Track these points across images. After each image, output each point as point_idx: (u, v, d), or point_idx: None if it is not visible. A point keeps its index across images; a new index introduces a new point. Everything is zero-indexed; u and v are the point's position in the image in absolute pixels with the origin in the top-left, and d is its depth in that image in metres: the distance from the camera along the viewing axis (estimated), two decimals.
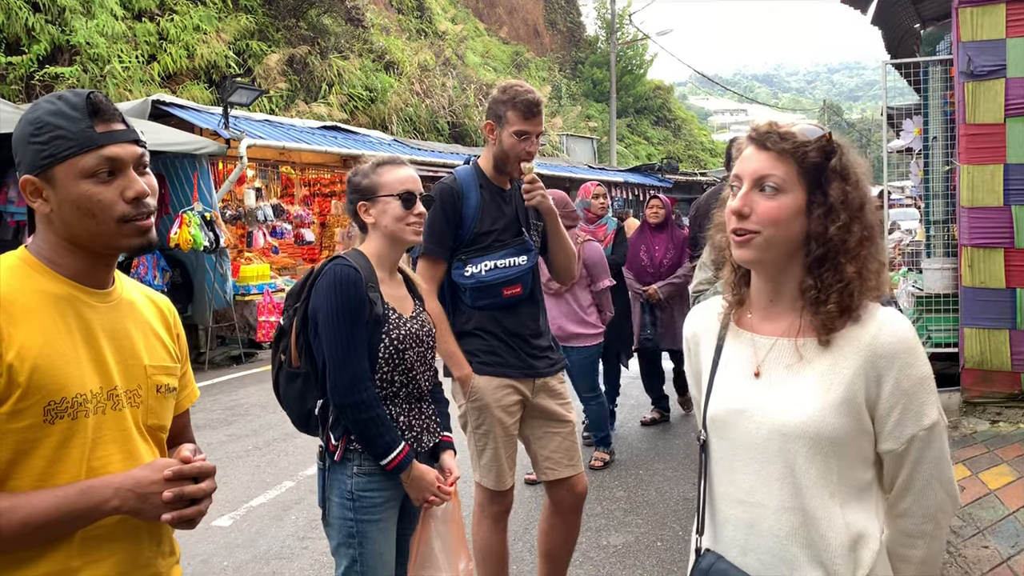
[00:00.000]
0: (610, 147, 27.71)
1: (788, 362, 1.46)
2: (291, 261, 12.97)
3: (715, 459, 1.55)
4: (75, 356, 1.39)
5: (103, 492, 1.35)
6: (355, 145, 12.87)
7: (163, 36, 14.58)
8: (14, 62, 12.02)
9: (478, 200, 3.03)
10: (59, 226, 1.42)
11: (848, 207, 1.42)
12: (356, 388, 2.22)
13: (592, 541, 4.35)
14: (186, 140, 9.40)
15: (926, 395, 1.41)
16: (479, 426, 3.05)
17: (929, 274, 6.56)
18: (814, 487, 1.41)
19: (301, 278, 2.46)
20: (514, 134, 3.00)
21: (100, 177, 1.40)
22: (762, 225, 1.43)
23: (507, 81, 3.15)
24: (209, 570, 4.11)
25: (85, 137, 1.39)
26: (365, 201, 2.38)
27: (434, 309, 2.94)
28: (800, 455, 1.42)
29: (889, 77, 7.32)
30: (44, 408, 1.33)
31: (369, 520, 2.28)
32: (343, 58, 18.32)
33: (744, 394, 1.50)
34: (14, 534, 1.28)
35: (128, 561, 1.44)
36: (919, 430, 1.40)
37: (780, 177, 1.43)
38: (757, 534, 1.46)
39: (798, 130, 1.45)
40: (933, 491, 1.43)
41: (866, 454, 1.44)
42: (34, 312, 1.36)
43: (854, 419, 1.40)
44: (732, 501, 1.51)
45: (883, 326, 1.42)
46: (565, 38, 37.49)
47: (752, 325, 1.54)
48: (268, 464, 5.86)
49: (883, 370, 1.40)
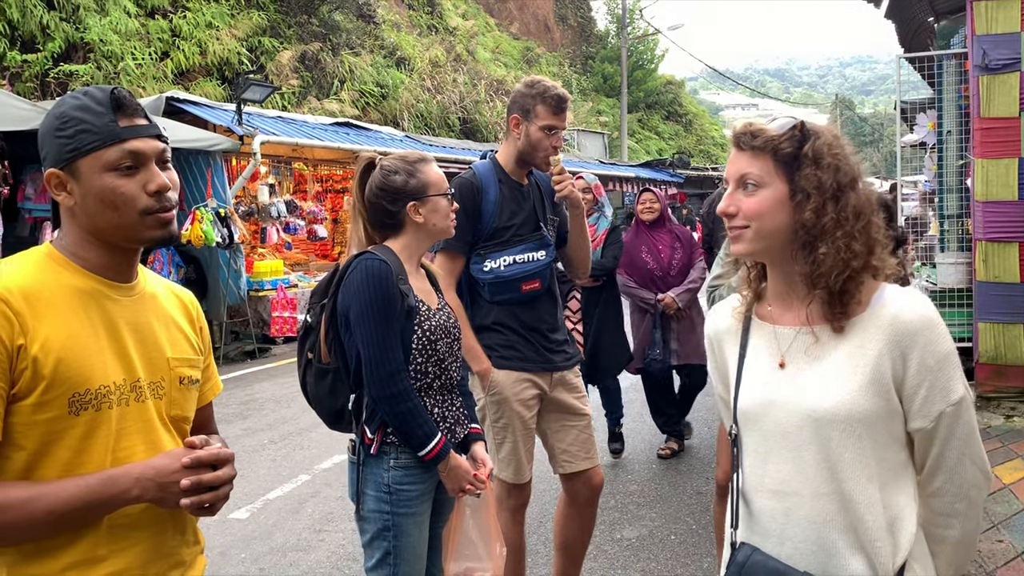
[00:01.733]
0: (621, 142, 27.69)
1: (811, 349, 1.48)
2: (304, 257, 13.03)
3: (747, 452, 1.56)
4: (98, 349, 1.41)
5: (124, 481, 1.38)
6: (367, 141, 12.91)
7: (176, 33, 14.66)
8: (29, 60, 12.11)
9: (497, 195, 3.05)
10: (83, 219, 1.44)
11: (821, 190, 1.45)
12: (393, 380, 2.24)
13: (606, 535, 4.37)
14: (200, 137, 9.44)
15: (952, 370, 1.42)
16: (498, 420, 3.08)
17: (943, 268, 6.55)
18: (850, 470, 1.43)
19: (326, 275, 2.48)
20: (542, 128, 3.02)
21: (123, 170, 1.42)
22: (748, 220, 1.48)
23: (532, 76, 3.17)
24: (227, 562, 4.16)
25: (109, 131, 1.42)
26: (416, 201, 2.38)
27: (453, 303, 2.96)
28: (833, 439, 1.43)
29: (903, 71, 7.31)
30: (69, 400, 1.36)
31: (405, 513, 2.31)
32: (355, 54, 18.37)
33: (772, 385, 1.51)
34: (39, 522, 1.31)
35: (153, 549, 1.47)
36: (947, 405, 1.41)
37: (757, 174, 1.48)
38: (794, 523, 1.47)
39: (771, 125, 1.50)
40: (964, 467, 1.44)
41: (898, 434, 1.45)
42: (58, 306, 1.39)
43: (883, 399, 1.42)
44: (767, 492, 1.51)
45: (904, 305, 1.44)
46: (576, 33, 37.43)
47: (772, 317, 1.56)
48: (284, 458, 5.91)
49: (907, 348, 1.41)
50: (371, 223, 2.44)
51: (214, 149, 9.51)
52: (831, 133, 1.50)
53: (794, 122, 1.49)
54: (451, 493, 2.39)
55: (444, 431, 2.36)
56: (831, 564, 1.43)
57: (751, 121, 1.52)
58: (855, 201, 1.46)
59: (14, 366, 1.32)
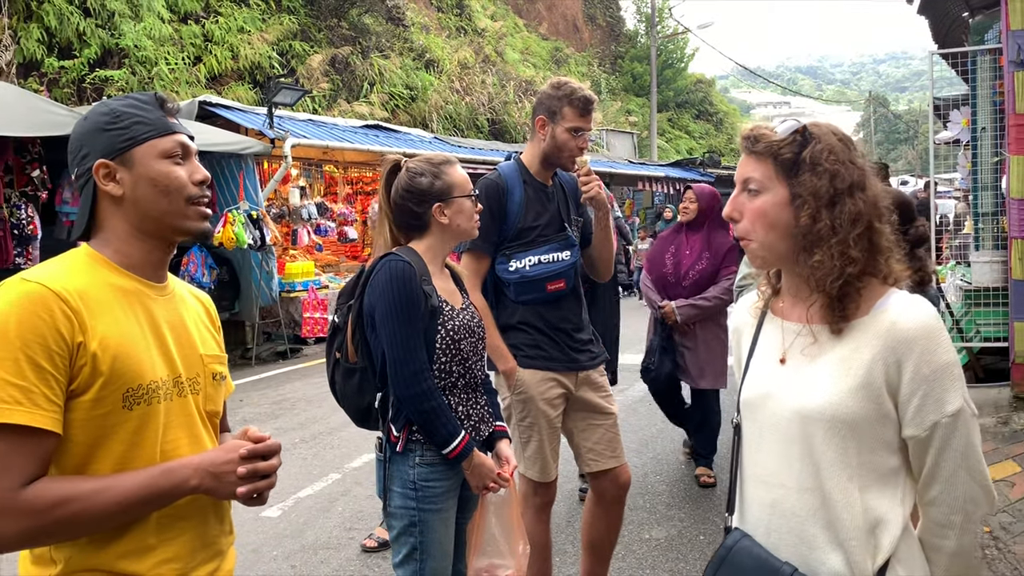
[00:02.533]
0: (651, 142, 27.57)
1: (809, 348, 1.51)
2: (335, 258, 13.15)
3: (746, 441, 1.61)
4: (146, 345, 1.47)
5: (183, 471, 1.44)
6: (396, 143, 12.99)
7: (208, 38, 14.86)
8: (66, 66, 12.35)
9: (522, 196, 3.07)
10: (130, 208, 1.50)
11: (816, 196, 1.46)
12: (417, 380, 2.28)
13: (634, 534, 4.37)
14: (232, 140, 9.57)
15: (949, 382, 1.41)
16: (523, 419, 3.10)
17: (978, 267, 6.46)
18: (831, 469, 1.45)
19: (353, 276, 2.52)
20: (568, 130, 3.05)
21: (175, 159, 1.53)
22: (751, 225, 1.52)
23: (558, 78, 3.19)
24: (259, 559, 4.22)
25: (162, 123, 1.53)
26: (441, 203, 2.41)
27: (479, 303, 2.99)
28: (817, 437, 1.46)
29: (936, 67, 7.21)
30: (123, 395, 1.41)
31: (431, 509, 2.34)
32: (384, 57, 18.49)
33: (771, 378, 1.55)
34: (108, 513, 1.37)
35: (198, 539, 1.52)
36: (942, 417, 1.41)
37: (759, 178, 1.51)
38: (780, 514, 1.51)
39: (775, 129, 1.52)
40: (960, 481, 1.43)
41: (888, 439, 1.46)
42: (108, 304, 1.44)
43: (873, 403, 1.43)
44: (758, 482, 1.56)
45: (904, 312, 1.44)
46: (605, 33, 37.34)
47: (783, 312, 1.60)
48: (315, 457, 5.97)
49: (903, 356, 1.41)
50: (397, 224, 2.48)
51: (246, 152, 9.63)
52: (835, 138, 1.50)
53: (797, 126, 1.51)
54: (475, 490, 2.41)
55: (468, 429, 2.39)
56: (811, 557, 1.47)
57: (757, 124, 1.56)
58: (853, 207, 1.46)
59: (74, 362, 1.36)
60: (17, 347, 1.31)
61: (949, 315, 6.30)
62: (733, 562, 1.52)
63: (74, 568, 1.39)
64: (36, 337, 1.32)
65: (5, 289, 1.37)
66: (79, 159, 1.51)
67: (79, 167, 1.51)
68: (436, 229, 2.44)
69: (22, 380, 1.31)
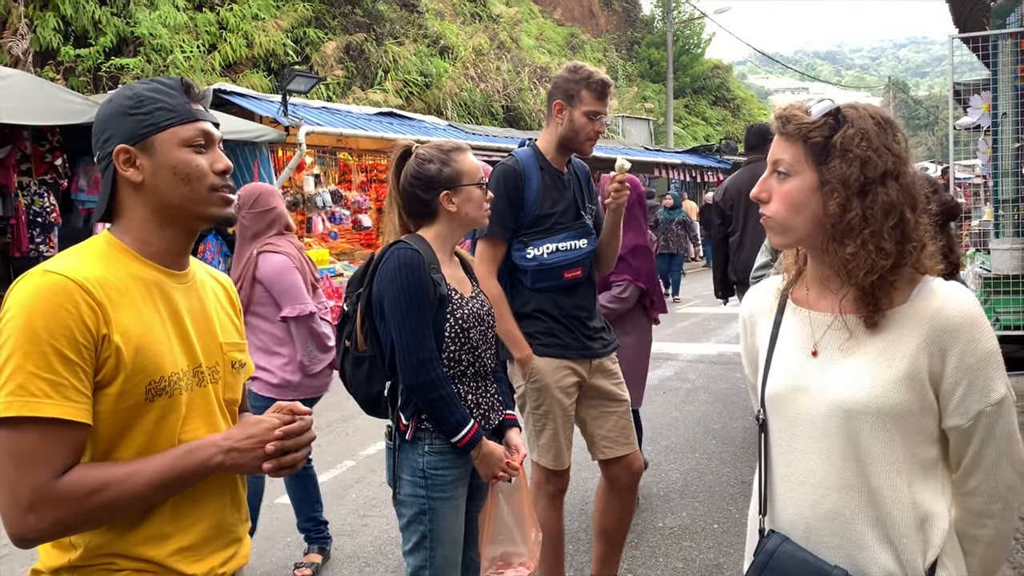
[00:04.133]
0: (667, 128, 27.41)
1: (845, 339, 1.46)
2: (349, 246, 13.16)
3: (775, 439, 1.55)
4: (167, 337, 1.47)
5: (207, 450, 1.45)
6: (411, 131, 12.96)
7: (223, 25, 14.86)
8: (82, 54, 12.39)
9: (539, 182, 3.06)
10: (150, 196, 1.49)
11: (845, 184, 1.40)
12: (426, 368, 2.27)
13: (648, 523, 4.36)
14: (247, 128, 9.58)
15: (993, 370, 1.38)
16: (538, 407, 3.10)
17: (997, 255, 6.38)
18: (879, 464, 1.40)
19: (362, 264, 2.51)
20: (585, 114, 3.04)
21: (196, 147, 1.51)
22: (777, 208, 1.47)
23: (574, 62, 3.18)
24: (273, 546, 4.24)
25: (185, 110, 1.51)
26: (449, 190, 2.40)
27: (494, 290, 2.99)
28: (863, 432, 1.41)
29: (957, 52, 7.11)
30: (146, 388, 1.41)
31: (440, 497, 2.34)
32: (398, 44, 18.44)
33: (803, 371, 1.49)
34: (140, 496, 1.38)
35: (213, 527, 1.53)
36: (986, 406, 1.38)
37: (788, 161, 1.46)
38: (821, 515, 1.45)
39: (807, 110, 1.45)
40: (1003, 469, 1.41)
41: (930, 431, 1.42)
42: (130, 295, 1.43)
43: (917, 394, 1.39)
44: (794, 482, 1.50)
45: (947, 300, 1.40)
46: (620, 18, 37.07)
47: (809, 301, 1.54)
48: (328, 444, 6.00)
49: (947, 344, 1.38)
50: (406, 211, 2.46)
51: (260, 140, 9.64)
52: (870, 121, 1.43)
53: (831, 107, 1.44)
54: (484, 479, 2.41)
55: (478, 417, 2.39)
56: (860, 558, 1.41)
57: (792, 104, 1.49)
58: (886, 197, 1.40)
59: (99, 354, 1.36)
60: (44, 340, 1.31)
61: None
62: (777, 568, 1.46)
63: (93, 553, 1.40)
64: (62, 329, 1.32)
65: (28, 281, 1.36)
66: (101, 142, 1.50)
67: (101, 150, 1.50)
68: (444, 217, 2.42)
69: (51, 373, 1.31)
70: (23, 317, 1.32)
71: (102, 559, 1.40)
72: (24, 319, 1.31)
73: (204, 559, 1.50)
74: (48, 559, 1.42)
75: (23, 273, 1.40)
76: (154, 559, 1.43)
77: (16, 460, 1.30)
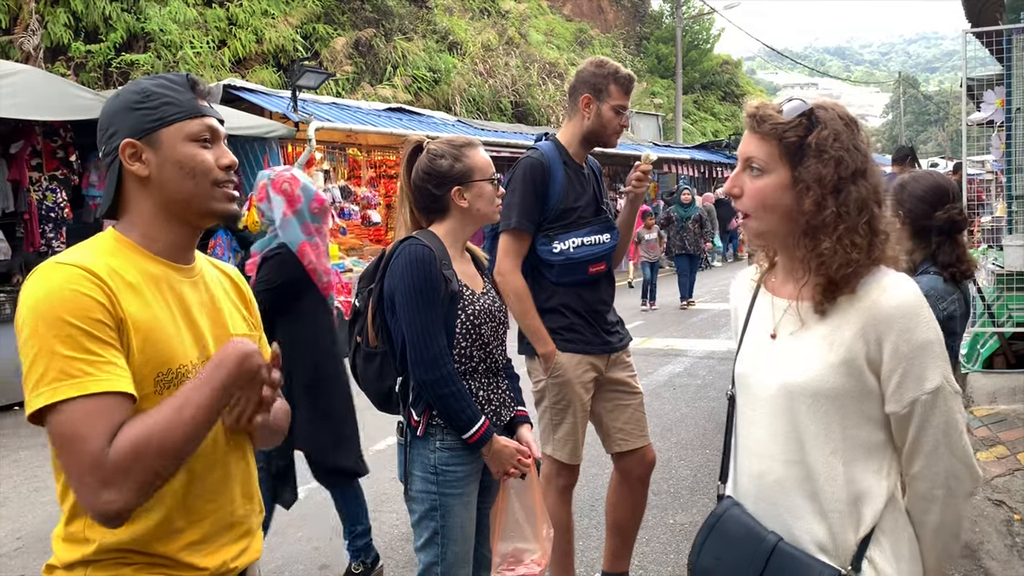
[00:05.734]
0: (676, 124, 27.33)
1: (797, 324, 1.55)
2: (358, 242, 13.16)
3: (739, 413, 1.66)
4: (176, 329, 1.47)
5: (223, 358, 1.40)
6: (419, 126, 12.96)
7: (233, 21, 14.89)
8: (93, 50, 12.44)
9: (563, 177, 3.08)
10: (156, 191, 1.49)
11: (821, 183, 1.47)
12: (436, 365, 2.26)
13: (659, 519, 4.35)
14: (256, 124, 9.59)
15: (928, 360, 1.44)
16: (558, 401, 3.11)
17: (1010, 251, 6.33)
18: (815, 442, 1.49)
19: (373, 260, 2.50)
20: (613, 108, 3.09)
21: (202, 142, 1.51)
22: (750, 204, 1.54)
23: (598, 57, 3.22)
24: (284, 540, 4.25)
25: (191, 105, 1.51)
26: (460, 186, 2.39)
27: (519, 285, 3.01)
28: (801, 412, 1.50)
29: (970, 47, 7.04)
30: (154, 379, 1.41)
31: (452, 493, 2.34)
32: (407, 40, 18.44)
33: (762, 352, 1.60)
34: (199, 424, 1.35)
35: (225, 520, 1.53)
36: (921, 394, 1.44)
37: (763, 159, 1.52)
38: (767, 484, 1.56)
39: (781, 109, 1.51)
40: (942, 456, 1.47)
41: (873, 415, 1.49)
42: (138, 288, 1.44)
43: (855, 379, 1.46)
44: (749, 453, 1.61)
45: (885, 291, 1.47)
46: (629, 14, 36.96)
47: (775, 288, 1.64)
48: None
49: (882, 333, 1.45)
50: (417, 207, 2.45)
51: (270, 136, 9.66)
52: (842, 122, 1.50)
53: (804, 108, 1.50)
54: (495, 476, 2.40)
55: (489, 414, 2.38)
56: (796, 527, 1.52)
57: (764, 103, 1.55)
58: (858, 194, 1.48)
59: (121, 335, 1.37)
60: (69, 323, 1.31)
61: (980, 299, 6.19)
62: (722, 529, 1.59)
63: (107, 548, 1.40)
64: (84, 311, 1.33)
65: (43, 273, 1.37)
66: (107, 137, 1.50)
67: (106, 145, 1.50)
68: (456, 212, 2.41)
69: (84, 353, 1.31)
70: (44, 306, 1.32)
71: (115, 554, 1.40)
72: (45, 308, 1.32)
73: (216, 552, 1.50)
74: (62, 554, 1.43)
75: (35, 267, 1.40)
76: (166, 554, 1.43)
77: (74, 442, 1.29)
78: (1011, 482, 4.46)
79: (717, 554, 1.58)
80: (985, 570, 3.69)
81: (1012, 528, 4.03)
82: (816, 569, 1.46)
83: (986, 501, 4.33)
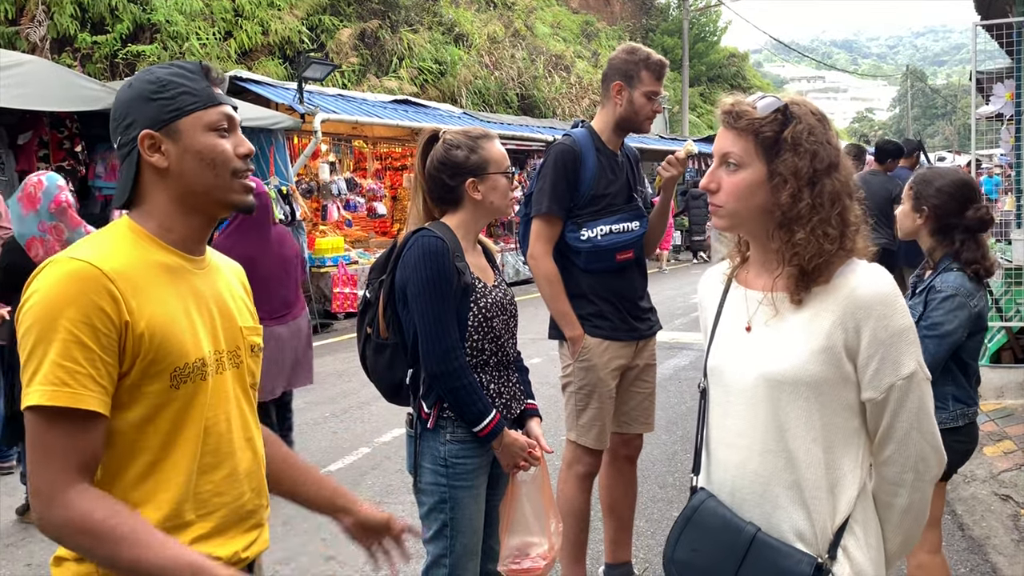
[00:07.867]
0: (682, 117, 27.25)
1: (773, 315, 1.58)
2: (364, 234, 13.17)
3: (712, 405, 1.68)
4: (190, 323, 1.46)
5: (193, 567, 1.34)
6: (425, 118, 12.93)
7: (239, 13, 14.85)
8: (99, 41, 12.42)
9: (595, 163, 3.10)
10: (174, 182, 1.47)
11: (797, 176, 1.52)
12: (448, 357, 2.26)
13: (664, 512, 4.35)
14: (262, 115, 9.58)
15: (904, 346, 1.49)
16: (583, 386, 3.14)
17: (1019, 245, 6.30)
18: (796, 430, 1.52)
19: (384, 251, 2.49)
20: (645, 94, 3.10)
21: (220, 131, 1.49)
22: (727, 198, 1.57)
23: (630, 44, 3.24)
24: (289, 532, 4.25)
25: (208, 94, 1.49)
26: (475, 178, 2.37)
27: (550, 270, 3.05)
28: (782, 400, 1.53)
29: (979, 40, 7.00)
30: (171, 375, 1.41)
31: (461, 486, 2.34)
32: (413, 31, 18.39)
33: (737, 345, 1.62)
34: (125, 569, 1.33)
35: (234, 512, 1.53)
36: (897, 379, 1.49)
37: (739, 154, 1.56)
38: (745, 475, 1.58)
39: (756, 106, 1.55)
40: (913, 440, 1.52)
41: (850, 402, 1.53)
42: (152, 283, 1.43)
43: (834, 367, 1.50)
44: (724, 445, 1.63)
45: (862, 280, 1.52)
46: (636, 6, 36.80)
47: (747, 281, 1.66)
48: (345, 431, 6.01)
49: (861, 321, 1.49)
50: (431, 197, 2.44)
51: (276, 127, 9.65)
52: (814, 117, 1.56)
53: (778, 105, 1.54)
54: (505, 469, 2.40)
55: (500, 407, 2.37)
56: (775, 516, 1.54)
57: (739, 99, 1.59)
58: (831, 187, 1.53)
59: (123, 343, 1.36)
60: (66, 328, 1.31)
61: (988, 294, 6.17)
62: (699, 522, 1.61)
63: None
64: (84, 318, 1.32)
65: (53, 268, 1.36)
66: (123, 127, 1.48)
67: (123, 136, 1.48)
68: (469, 204, 2.40)
69: (69, 361, 1.31)
70: (48, 303, 1.32)
71: None
72: (49, 305, 1.32)
73: (226, 543, 1.50)
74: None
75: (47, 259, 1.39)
76: None
77: (34, 450, 1.32)
78: (1018, 477, 4.45)
79: (694, 546, 1.61)
80: (992, 564, 3.68)
81: (1019, 523, 4.02)
82: (795, 558, 1.49)
83: (993, 496, 4.32)
